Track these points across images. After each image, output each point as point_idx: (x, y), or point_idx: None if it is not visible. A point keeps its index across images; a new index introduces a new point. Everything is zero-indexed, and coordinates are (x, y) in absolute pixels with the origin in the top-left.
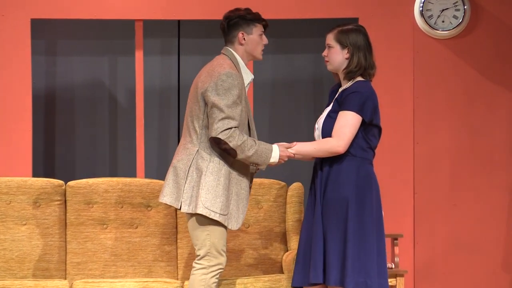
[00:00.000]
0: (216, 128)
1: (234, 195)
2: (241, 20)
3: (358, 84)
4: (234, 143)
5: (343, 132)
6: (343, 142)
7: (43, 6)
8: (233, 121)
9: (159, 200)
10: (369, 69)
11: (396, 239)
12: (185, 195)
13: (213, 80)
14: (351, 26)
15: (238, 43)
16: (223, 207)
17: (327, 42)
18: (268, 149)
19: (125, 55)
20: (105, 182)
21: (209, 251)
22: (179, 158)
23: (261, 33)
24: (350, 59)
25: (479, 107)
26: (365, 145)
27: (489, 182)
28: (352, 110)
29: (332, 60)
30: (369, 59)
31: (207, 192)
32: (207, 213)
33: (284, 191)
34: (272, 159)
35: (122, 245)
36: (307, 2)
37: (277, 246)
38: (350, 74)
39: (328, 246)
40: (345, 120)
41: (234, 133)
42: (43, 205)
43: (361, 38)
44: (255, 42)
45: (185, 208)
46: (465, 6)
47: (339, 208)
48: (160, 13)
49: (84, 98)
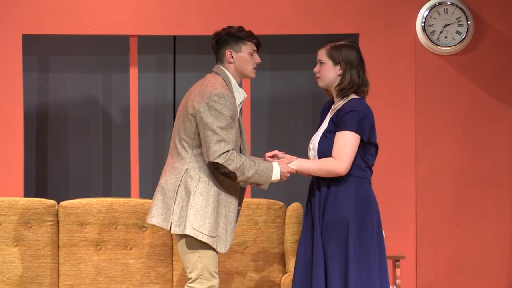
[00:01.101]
0: (213, 153)
1: (223, 217)
2: (230, 38)
3: (353, 103)
4: (233, 166)
5: (344, 152)
6: (345, 164)
7: (35, 21)
8: (229, 144)
9: (147, 221)
10: (362, 86)
11: (397, 260)
12: (175, 215)
13: (204, 101)
14: (344, 42)
15: (227, 61)
16: (211, 229)
17: (318, 58)
18: (268, 167)
19: (119, 71)
20: (98, 202)
21: (201, 273)
22: (166, 178)
23: (251, 51)
24: (342, 76)
25: (483, 124)
26: (363, 164)
27: (494, 202)
28: (350, 129)
29: (324, 76)
30: (362, 76)
31: (195, 212)
32: (195, 234)
33: (282, 211)
34: (274, 177)
35: (116, 267)
36: (306, 18)
37: (275, 268)
38: (343, 92)
39: (329, 268)
40: (344, 140)
41: (232, 155)
42: (35, 226)
43: (354, 54)
44: (244, 61)
45: (176, 229)
46: (469, 21)
47: (339, 229)
48: (155, 28)
49: (77, 115)
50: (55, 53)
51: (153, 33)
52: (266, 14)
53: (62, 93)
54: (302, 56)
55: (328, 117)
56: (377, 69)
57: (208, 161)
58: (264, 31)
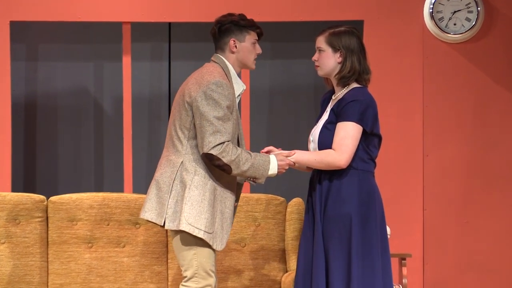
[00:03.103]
0: (207, 143)
1: (219, 213)
2: (234, 26)
3: (354, 92)
4: (228, 158)
5: (345, 144)
6: (345, 156)
7: (23, 8)
8: (225, 135)
9: (140, 216)
10: (364, 74)
11: (404, 259)
12: (169, 210)
13: (201, 89)
14: (343, 28)
15: (229, 51)
16: (208, 225)
17: (317, 45)
18: (265, 160)
19: (112, 60)
20: (90, 198)
21: (196, 272)
22: (162, 171)
23: (254, 41)
24: (342, 64)
25: (494, 116)
26: (366, 157)
27: (504, 197)
28: (352, 120)
29: (323, 64)
30: (363, 63)
31: (191, 207)
32: (191, 229)
33: (283, 207)
34: (271, 171)
35: (108, 265)
36: (308, 4)
37: (275, 266)
38: (343, 80)
39: (331, 266)
40: (345, 131)
41: (227, 147)
42: (23, 222)
43: (354, 41)
44: (247, 51)
45: (170, 224)
46: (479, 7)
47: (341, 226)
48: (149, 15)
49: (68, 106)
50: (44, 40)
51: (147, 20)
52: (265, 0)
53: (51, 83)
54: (303, 44)
55: (329, 108)
56: (383, 58)
57: (202, 152)
58: (263, 18)
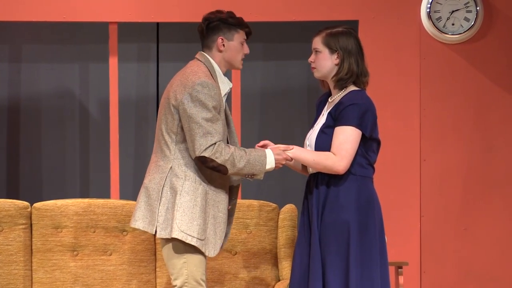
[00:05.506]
0: (198, 147)
1: (211, 218)
2: (222, 24)
3: (353, 95)
4: (222, 158)
5: (344, 149)
6: (345, 162)
7: (5, 7)
8: (215, 136)
9: (130, 225)
10: (361, 76)
11: (400, 267)
12: (160, 218)
13: (187, 91)
14: (341, 29)
15: (216, 49)
16: (200, 231)
17: (314, 46)
18: (261, 155)
19: (98, 61)
20: (75, 204)
21: (186, 281)
22: (150, 177)
23: (242, 40)
24: (340, 65)
25: (493, 119)
26: (365, 162)
27: (504, 204)
28: (351, 124)
29: (319, 66)
30: (361, 65)
31: (182, 213)
32: (183, 237)
33: (275, 213)
34: (268, 165)
35: (94, 274)
36: (301, 3)
37: (267, 274)
38: (340, 82)
39: (328, 274)
40: (344, 136)
41: (219, 147)
42: (6, 229)
43: (352, 42)
44: (235, 50)
45: (161, 232)
46: (478, 7)
47: (339, 233)
48: (137, 15)
49: (52, 109)
50: (28, 41)
51: (134, 20)
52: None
53: (35, 85)
54: (296, 45)
55: (326, 111)
56: (378, 59)
57: (194, 156)
58: (255, 17)
